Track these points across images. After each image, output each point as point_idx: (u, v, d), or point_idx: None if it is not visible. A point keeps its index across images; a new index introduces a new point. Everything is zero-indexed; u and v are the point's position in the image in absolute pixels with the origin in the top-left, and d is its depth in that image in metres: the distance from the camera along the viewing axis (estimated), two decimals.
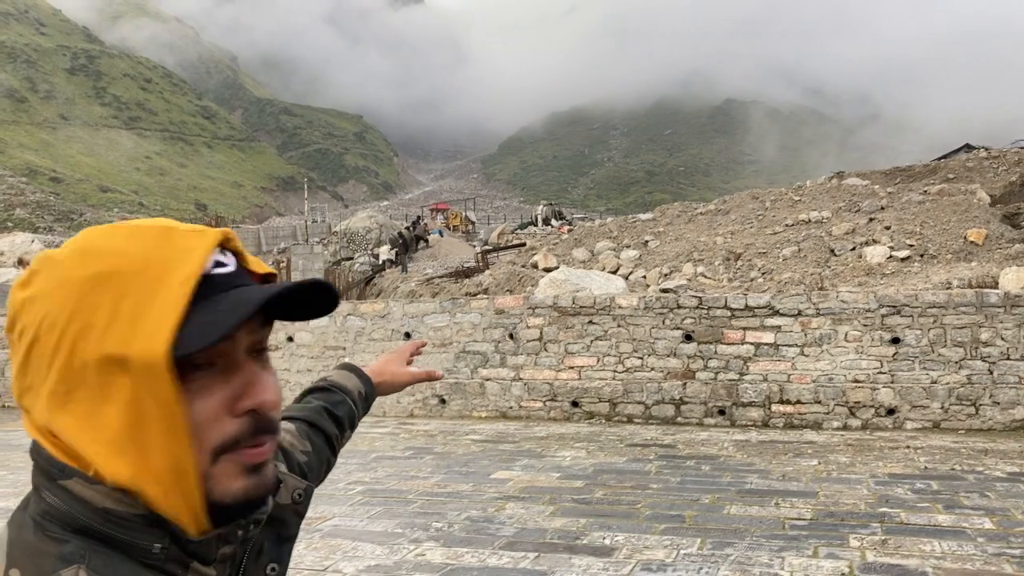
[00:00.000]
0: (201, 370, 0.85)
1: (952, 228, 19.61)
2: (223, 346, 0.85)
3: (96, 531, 0.84)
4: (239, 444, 0.86)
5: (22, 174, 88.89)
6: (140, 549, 0.85)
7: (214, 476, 0.86)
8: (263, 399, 0.87)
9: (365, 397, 1.61)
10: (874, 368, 11.13)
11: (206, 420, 0.85)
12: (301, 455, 1.31)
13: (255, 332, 0.90)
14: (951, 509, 6.82)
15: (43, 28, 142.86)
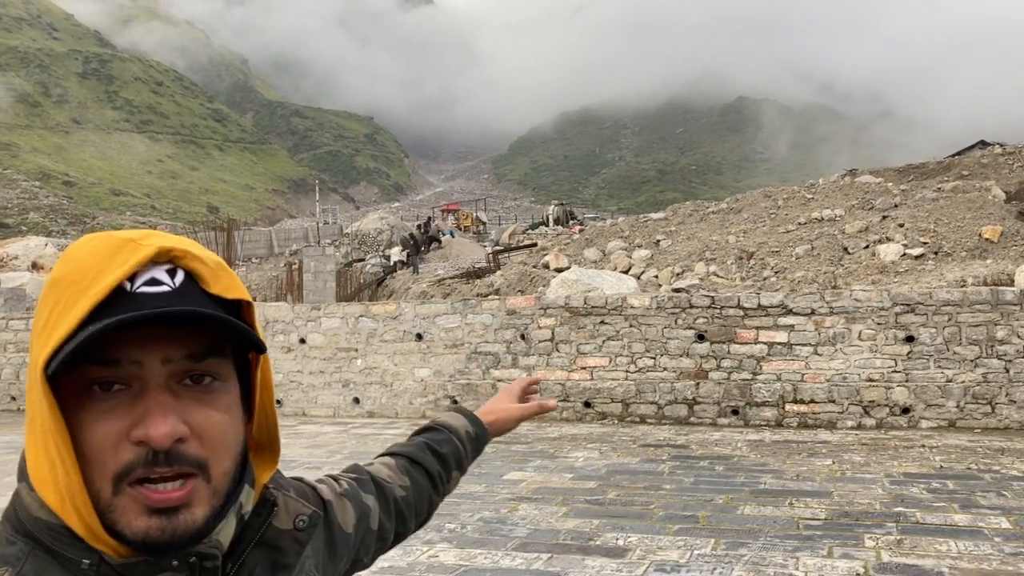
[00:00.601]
0: (112, 392, 0.83)
1: (967, 225, 19.49)
2: (132, 370, 0.83)
3: (39, 539, 0.85)
4: (136, 474, 0.83)
5: (35, 178, 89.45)
6: (71, 561, 0.84)
7: (116, 508, 0.83)
8: (148, 432, 0.82)
9: (475, 438, 1.54)
10: (888, 367, 11.06)
11: (106, 443, 0.82)
12: (399, 490, 1.32)
13: (173, 361, 0.85)
14: (967, 508, 6.77)
15: (55, 33, 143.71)
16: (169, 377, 0.85)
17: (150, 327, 0.83)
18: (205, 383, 0.87)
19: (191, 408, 0.86)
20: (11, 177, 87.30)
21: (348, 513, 1.18)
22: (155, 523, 0.83)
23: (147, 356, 0.84)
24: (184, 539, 0.85)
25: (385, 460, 1.38)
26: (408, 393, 13.16)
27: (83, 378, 0.83)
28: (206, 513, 0.86)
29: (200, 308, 0.84)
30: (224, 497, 0.89)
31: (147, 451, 0.82)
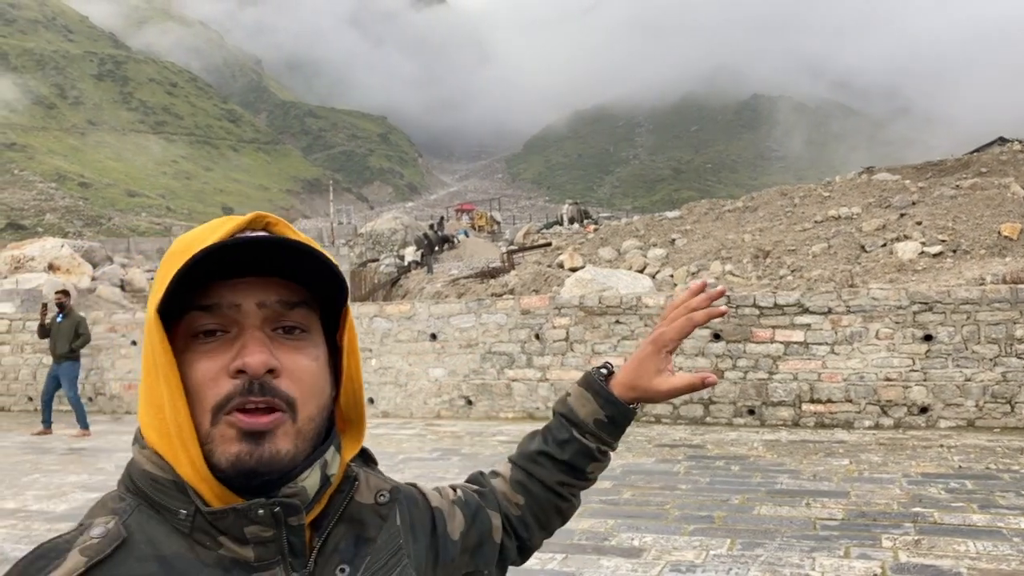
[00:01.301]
0: (213, 337, 0.93)
1: (985, 223, 19.33)
2: (230, 313, 0.93)
3: (144, 495, 0.94)
4: (232, 404, 0.91)
5: (51, 180, 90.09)
6: (171, 513, 0.92)
7: (213, 438, 0.91)
8: (246, 360, 0.91)
9: (611, 422, 1.30)
10: (906, 366, 10.98)
11: (207, 379, 0.92)
12: (514, 508, 1.30)
13: (268, 305, 0.94)
14: (986, 509, 6.71)
15: (71, 35, 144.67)
16: (264, 321, 0.94)
17: (246, 278, 0.93)
18: (295, 334, 0.96)
19: (282, 351, 0.94)
20: (27, 179, 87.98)
21: (456, 520, 1.20)
22: (244, 447, 0.91)
23: (244, 299, 0.93)
24: (269, 467, 0.91)
25: (502, 473, 1.35)
26: (423, 393, 13.16)
27: (189, 329, 0.93)
28: (290, 449, 0.93)
29: (295, 242, 0.93)
30: (310, 445, 0.96)
31: (243, 382, 0.91)
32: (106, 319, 15.63)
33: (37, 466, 9.98)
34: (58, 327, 12.59)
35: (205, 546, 0.92)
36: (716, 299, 1.32)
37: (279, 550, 0.94)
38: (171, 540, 0.91)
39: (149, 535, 0.91)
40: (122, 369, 15.31)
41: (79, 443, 11.76)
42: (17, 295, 19.88)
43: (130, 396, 15.24)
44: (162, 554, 0.90)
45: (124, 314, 15.98)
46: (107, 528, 0.90)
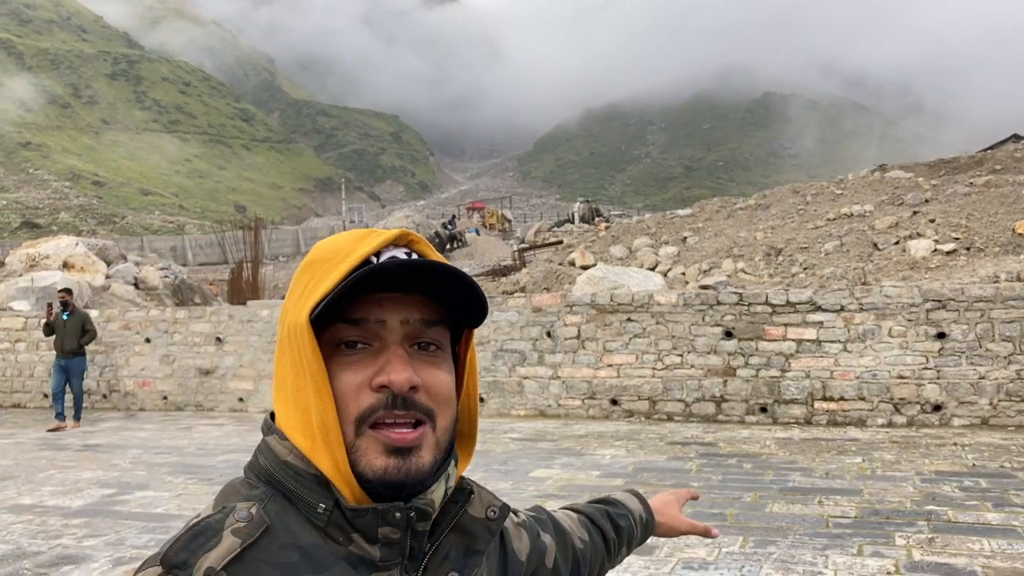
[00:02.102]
0: (357, 350, 0.97)
1: (999, 220, 19.21)
2: (375, 328, 0.97)
3: (280, 483, 0.97)
4: (375, 417, 0.95)
5: (66, 178, 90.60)
6: (309, 505, 0.96)
7: (359, 449, 0.96)
8: (391, 377, 0.95)
9: (645, 525, 1.54)
10: (919, 364, 10.94)
11: (350, 390, 0.96)
12: (578, 541, 1.37)
13: (410, 324, 0.99)
14: (1000, 507, 6.68)
15: (85, 34, 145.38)
16: (404, 338, 0.98)
17: (391, 294, 0.98)
18: (431, 350, 1.01)
19: (420, 367, 0.99)
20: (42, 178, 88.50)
21: (523, 542, 1.24)
22: (393, 462, 0.95)
23: (389, 316, 0.98)
24: (415, 480, 0.96)
25: (568, 512, 1.44)
26: None
27: (332, 339, 0.97)
28: (432, 460, 0.98)
29: (448, 267, 0.99)
30: (443, 456, 1.01)
31: (387, 396, 0.96)
32: (120, 317, 15.72)
33: (53, 462, 10.06)
34: (64, 324, 13.24)
35: (337, 541, 0.96)
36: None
37: (401, 552, 0.98)
38: (307, 532, 0.95)
39: (287, 525, 0.95)
40: (136, 366, 15.40)
41: (93, 439, 11.84)
42: (32, 293, 20.01)
43: (144, 393, 15.33)
44: (301, 544, 0.94)
45: (138, 312, 16.07)
46: (251, 514, 0.94)
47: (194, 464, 9.75)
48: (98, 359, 15.49)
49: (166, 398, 15.16)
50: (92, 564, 5.89)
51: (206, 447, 10.98)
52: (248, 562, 0.91)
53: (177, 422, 13.53)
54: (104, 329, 15.40)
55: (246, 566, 0.90)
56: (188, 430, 12.60)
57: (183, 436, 12.03)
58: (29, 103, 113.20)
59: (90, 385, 15.25)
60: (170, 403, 15.11)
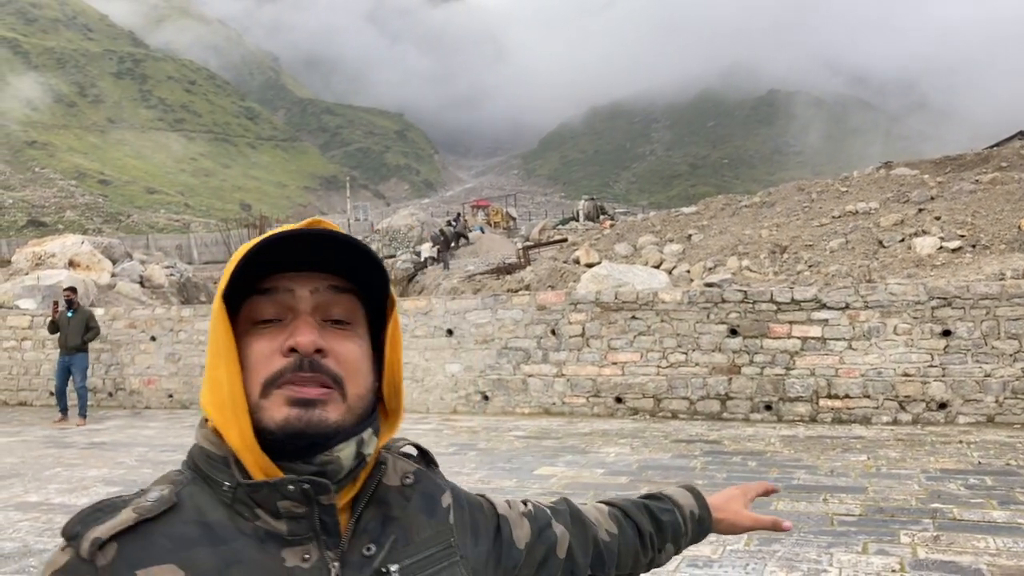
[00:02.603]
0: (271, 323, 1.04)
1: (1005, 218, 19.16)
2: (285, 298, 1.04)
3: (198, 469, 1.05)
4: (283, 378, 1.01)
5: (72, 177, 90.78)
6: (217, 484, 1.02)
7: (264, 408, 1.01)
8: (297, 339, 1.01)
9: (699, 520, 1.52)
10: (924, 361, 10.92)
11: (262, 357, 1.02)
12: (604, 534, 1.40)
13: (319, 291, 1.05)
14: (1006, 505, 6.67)
15: (90, 33, 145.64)
16: (315, 309, 1.05)
17: (302, 273, 1.05)
18: (342, 326, 1.06)
19: (330, 337, 1.04)
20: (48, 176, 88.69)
21: (523, 531, 1.29)
22: (294, 412, 1.00)
23: (297, 285, 1.04)
24: (316, 430, 1.01)
25: (599, 505, 1.47)
26: (439, 388, 13.20)
27: (249, 316, 1.04)
28: (337, 419, 1.02)
29: (338, 234, 1.04)
30: (356, 422, 1.05)
31: (294, 360, 1.01)
32: (125, 315, 15.75)
33: (59, 460, 10.09)
34: (68, 321, 13.62)
35: (244, 517, 1.01)
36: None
37: (311, 527, 1.01)
38: (216, 509, 1.01)
39: (197, 503, 1.01)
40: (141, 365, 15.43)
41: (99, 437, 11.88)
42: (38, 291, 20.05)
43: (149, 391, 15.36)
44: (206, 520, 1.00)
45: (143, 310, 16.10)
46: (162, 494, 1.01)
47: None
48: (104, 357, 15.53)
49: (171, 396, 15.19)
50: None
51: None
52: (143, 534, 0.96)
53: (182, 420, 13.56)
54: (109, 327, 15.44)
55: (140, 537, 0.96)
56: (193, 428, 12.61)
57: (188, 434, 12.05)
58: (35, 102, 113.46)
59: (96, 383, 15.29)
60: (175, 401, 15.15)
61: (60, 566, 0.96)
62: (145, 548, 0.96)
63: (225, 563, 0.97)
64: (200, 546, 0.97)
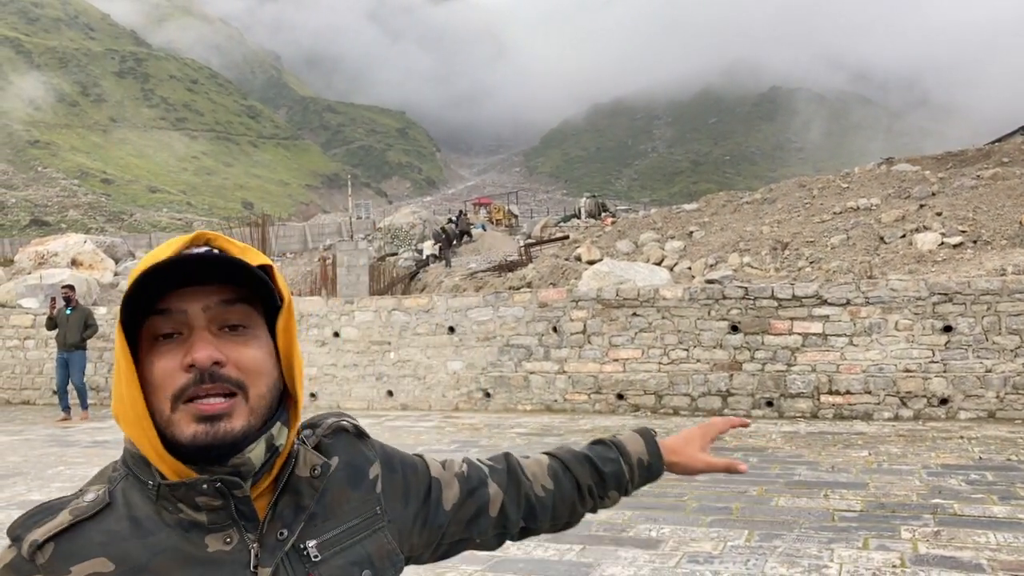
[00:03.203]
0: (170, 339, 1.10)
1: (1006, 213, 19.15)
2: (180, 317, 1.10)
3: (130, 468, 1.13)
4: (188, 393, 1.08)
5: (74, 176, 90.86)
6: (143, 483, 1.11)
7: (174, 422, 1.08)
8: (195, 356, 1.08)
9: (647, 467, 1.56)
10: (926, 357, 10.92)
11: (165, 374, 1.08)
12: (539, 489, 1.48)
13: (211, 309, 1.10)
14: (1007, 500, 6.67)
15: (92, 33, 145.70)
16: (209, 322, 1.10)
17: (191, 287, 1.10)
18: (239, 331, 1.12)
19: (228, 346, 1.10)
20: (51, 176, 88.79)
21: (452, 491, 1.39)
22: (202, 428, 1.07)
23: (190, 305, 1.10)
24: (224, 443, 1.08)
25: (540, 459, 1.55)
26: (441, 386, 13.22)
27: (151, 332, 1.10)
28: (243, 426, 1.10)
29: (220, 255, 1.11)
30: (261, 420, 1.12)
31: (195, 374, 1.08)
32: None
33: (62, 458, 10.11)
34: (67, 319, 13.72)
35: (168, 511, 1.10)
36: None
37: (229, 516, 1.11)
38: (144, 505, 1.10)
39: (128, 500, 1.11)
40: None
41: (101, 435, 11.91)
42: (41, 290, 20.09)
43: None
44: (135, 515, 1.09)
45: None
46: (97, 495, 1.11)
47: None
48: (106, 356, 15.56)
49: None
50: None
51: None
52: (78, 533, 1.07)
53: None
54: (112, 326, 15.46)
55: (74, 536, 1.07)
56: None
57: None
58: (38, 101, 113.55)
59: (99, 381, 15.32)
60: None
61: (7, 562, 1.07)
62: (79, 545, 1.06)
63: (152, 553, 1.07)
64: (129, 539, 1.08)
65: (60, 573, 1.06)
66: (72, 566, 1.05)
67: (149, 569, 1.07)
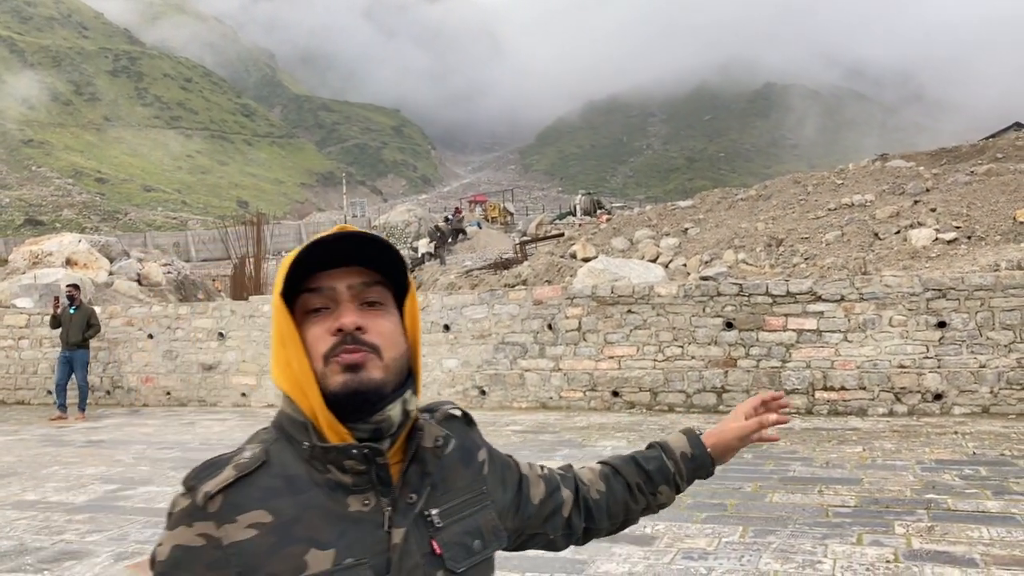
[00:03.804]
0: (319, 311, 1.30)
1: (1000, 209, 19.18)
2: (329, 293, 1.30)
3: (283, 429, 1.31)
4: (335, 351, 1.27)
5: (69, 176, 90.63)
6: (298, 443, 1.28)
7: (326, 375, 1.27)
8: (341, 321, 1.28)
9: (692, 458, 1.74)
10: (920, 353, 10.95)
11: (317, 339, 1.29)
12: (595, 493, 1.68)
13: (354, 287, 1.31)
14: (1000, 495, 6.69)
15: (85, 31, 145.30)
16: (353, 298, 1.30)
17: (339, 268, 1.30)
18: (376, 307, 1.32)
19: (367, 317, 1.30)
20: (45, 175, 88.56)
21: (539, 489, 1.59)
22: (348, 376, 1.26)
23: (337, 283, 1.30)
24: (368, 388, 1.27)
25: (592, 467, 1.73)
26: (436, 384, 13.22)
27: (304, 308, 1.30)
28: (381, 377, 1.28)
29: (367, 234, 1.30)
30: (396, 380, 1.31)
31: (340, 337, 1.27)
32: (123, 313, 15.76)
33: (56, 458, 10.10)
34: (70, 318, 13.88)
35: (317, 471, 1.27)
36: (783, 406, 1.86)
37: (369, 480, 1.28)
38: (296, 464, 1.27)
39: (282, 459, 1.28)
40: (139, 362, 15.44)
41: (97, 435, 11.89)
42: (35, 290, 20.03)
43: (147, 389, 15.38)
44: (288, 474, 1.26)
45: (141, 308, 16.10)
46: (254, 452, 1.28)
47: (197, 459, 9.63)
48: (101, 355, 15.54)
49: (169, 394, 15.21)
50: (94, 559, 5.93)
51: (209, 442, 11.02)
52: (242, 486, 1.24)
53: (180, 417, 13.58)
54: (107, 325, 15.44)
55: (238, 489, 1.23)
56: (191, 425, 12.64)
57: (186, 431, 12.08)
58: (32, 100, 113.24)
59: (94, 381, 15.30)
60: (173, 399, 15.16)
61: (184, 507, 1.25)
62: (243, 498, 1.23)
63: (303, 508, 1.24)
64: (284, 495, 1.24)
65: (228, 521, 1.22)
66: (238, 515, 1.22)
67: (301, 522, 1.23)
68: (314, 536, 1.23)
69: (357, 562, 1.23)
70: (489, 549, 1.40)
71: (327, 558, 1.22)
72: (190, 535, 1.23)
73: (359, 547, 1.24)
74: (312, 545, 1.22)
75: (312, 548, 1.22)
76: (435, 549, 1.31)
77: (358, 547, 1.24)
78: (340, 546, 1.23)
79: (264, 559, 1.21)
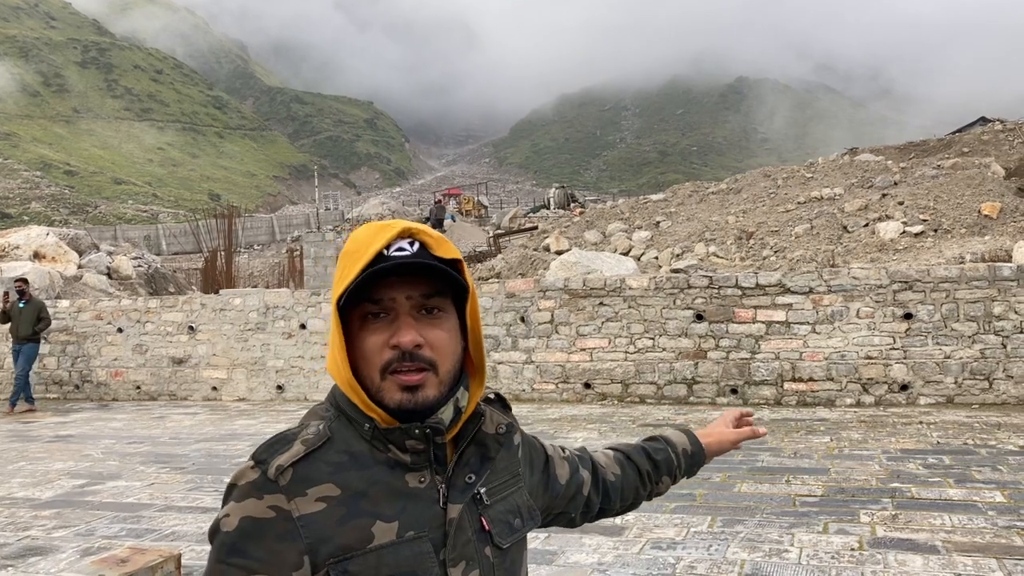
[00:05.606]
0: (378, 319, 1.34)
1: (966, 202, 19.45)
2: (388, 303, 1.33)
3: (343, 410, 1.36)
4: (392, 367, 1.32)
5: (37, 168, 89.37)
6: (359, 424, 1.34)
7: (384, 389, 1.33)
8: (400, 339, 1.32)
9: (691, 455, 1.90)
10: (887, 344, 11.09)
11: (374, 350, 1.33)
12: (611, 475, 1.78)
13: (413, 298, 1.34)
14: (962, 483, 6.82)
15: (53, 22, 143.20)
16: (411, 308, 1.34)
17: (398, 276, 1.32)
18: (434, 314, 1.36)
19: (424, 328, 1.34)
20: (12, 167, 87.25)
21: (564, 470, 1.67)
22: (405, 396, 1.32)
23: (397, 294, 1.33)
24: (423, 408, 1.33)
25: (606, 451, 1.84)
26: None
27: (362, 313, 1.34)
28: (436, 394, 1.34)
29: (426, 260, 1.33)
30: (448, 389, 1.36)
31: (399, 352, 1.32)
32: (92, 307, 15.60)
33: (23, 454, 10.00)
34: (20, 312, 13.93)
35: (379, 449, 1.34)
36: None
37: (427, 459, 1.35)
38: (358, 442, 1.34)
39: (344, 436, 1.34)
40: (108, 356, 15.30)
41: (65, 430, 11.78)
42: (1, 283, 19.77)
43: (116, 383, 15.24)
44: (352, 451, 1.33)
45: (110, 301, 15.94)
46: (319, 429, 1.34)
47: (167, 453, 9.72)
48: (69, 349, 15.39)
49: (139, 388, 15.09)
50: (59, 555, 5.89)
51: (179, 436, 10.95)
52: (311, 461, 1.30)
53: (150, 412, 13.47)
54: (76, 319, 15.29)
55: (309, 464, 1.30)
56: (161, 419, 12.55)
57: (156, 425, 11.99)
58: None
59: (62, 376, 15.15)
60: (143, 393, 15.04)
61: (252, 480, 1.29)
62: (312, 471, 1.29)
63: (368, 483, 1.31)
64: (351, 470, 1.31)
65: (298, 494, 1.28)
66: (308, 488, 1.28)
67: (367, 496, 1.30)
68: (379, 510, 1.30)
69: (418, 535, 1.32)
70: (527, 527, 1.49)
71: (391, 530, 1.30)
72: (260, 507, 1.27)
73: (419, 521, 1.32)
74: (378, 518, 1.30)
75: (378, 520, 1.30)
76: (484, 525, 1.40)
77: (418, 521, 1.32)
78: (402, 519, 1.31)
79: (333, 530, 1.28)
